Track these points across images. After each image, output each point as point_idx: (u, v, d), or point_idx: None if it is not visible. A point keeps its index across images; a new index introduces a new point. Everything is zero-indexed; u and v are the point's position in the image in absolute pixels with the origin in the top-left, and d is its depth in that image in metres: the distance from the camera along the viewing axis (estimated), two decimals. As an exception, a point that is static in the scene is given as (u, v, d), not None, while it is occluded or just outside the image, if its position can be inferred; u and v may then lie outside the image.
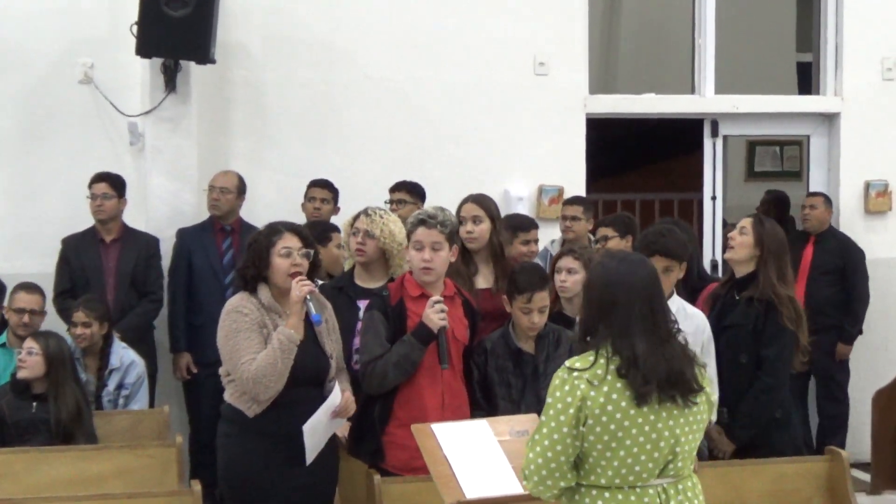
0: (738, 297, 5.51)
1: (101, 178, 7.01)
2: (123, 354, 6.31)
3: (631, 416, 3.47)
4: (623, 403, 3.47)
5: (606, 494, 3.54)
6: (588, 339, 3.58)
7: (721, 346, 5.49)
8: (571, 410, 3.47)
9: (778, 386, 5.42)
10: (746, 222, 5.60)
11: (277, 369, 4.50)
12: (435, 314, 4.77)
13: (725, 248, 5.78)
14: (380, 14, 7.90)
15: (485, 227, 5.55)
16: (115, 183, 7.03)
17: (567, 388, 3.50)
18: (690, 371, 3.55)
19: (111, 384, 6.24)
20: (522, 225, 6.29)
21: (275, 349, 4.51)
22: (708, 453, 5.54)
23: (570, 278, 5.37)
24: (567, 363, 3.57)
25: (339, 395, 4.66)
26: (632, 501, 3.52)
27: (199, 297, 7.10)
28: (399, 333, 4.87)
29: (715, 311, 5.61)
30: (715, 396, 5.20)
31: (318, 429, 4.62)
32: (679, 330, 3.64)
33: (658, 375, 3.46)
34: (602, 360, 3.50)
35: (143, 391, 6.33)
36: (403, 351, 4.81)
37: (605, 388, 3.47)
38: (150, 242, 7.13)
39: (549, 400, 3.55)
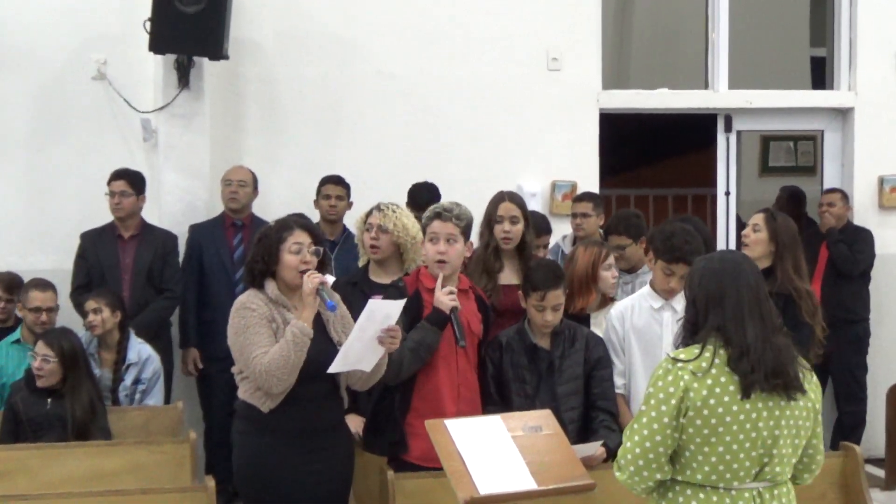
0: None
1: (119, 175, 6.99)
2: (141, 349, 6.31)
3: (733, 411, 3.44)
4: (726, 398, 3.44)
5: (701, 495, 3.51)
6: (693, 336, 3.55)
7: None
8: (673, 401, 3.46)
9: None
10: (759, 218, 5.61)
11: (290, 362, 4.48)
12: (444, 296, 4.82)
13: (739, 245, 5.76)
14: (392, 10, 7.90)
15: (521, 227, 5.53)
16: (134, 180, 7.01)
17: (670, 378, 3.48)
18: (794, 369, 3.51)
19: (128, 379, 6.23)
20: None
21: (288, 342, 4.49)
22: None
23: None
24: (671, 354, 3.55)
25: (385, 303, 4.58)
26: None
27: (209, 293, 7.11)
28: (416, 324, 4.89)
29: None
30: None
31: (365, 336, 4.51)
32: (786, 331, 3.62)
33: (765, 366, 3.44)
34: (707, 354, 3.48)
35: (158, 386, 6.32)
36: (418, 336, 4.84)
37: (709, 381, 3.45)
38: (168, 239, 7.11)
39: (650, 390, 3.52)
